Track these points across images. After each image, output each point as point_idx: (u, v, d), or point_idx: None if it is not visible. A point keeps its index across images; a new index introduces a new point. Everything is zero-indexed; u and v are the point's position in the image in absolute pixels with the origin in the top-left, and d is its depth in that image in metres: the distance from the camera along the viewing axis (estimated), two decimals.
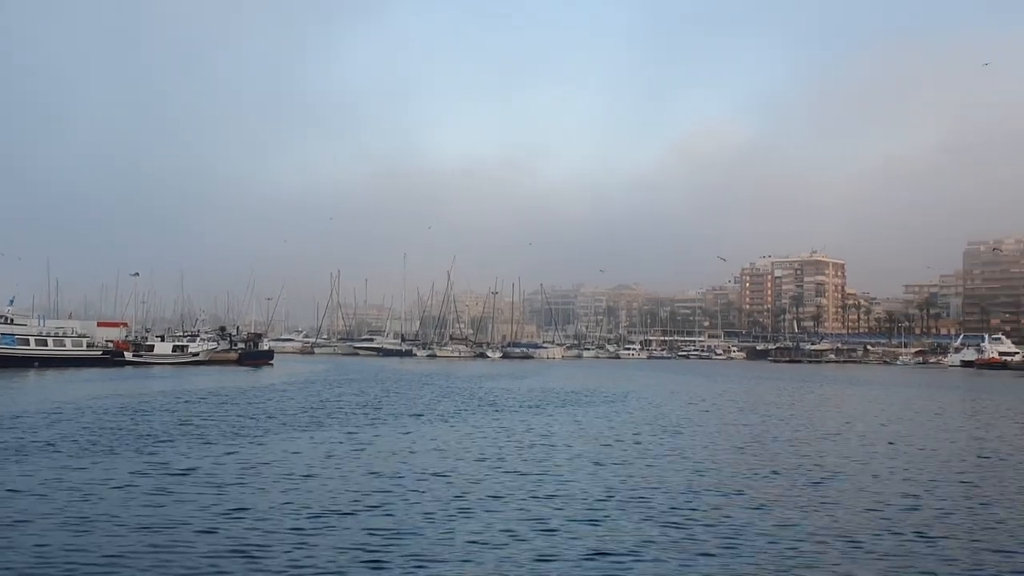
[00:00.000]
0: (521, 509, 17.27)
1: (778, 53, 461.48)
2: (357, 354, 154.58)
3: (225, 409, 38.92)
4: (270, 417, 35.46)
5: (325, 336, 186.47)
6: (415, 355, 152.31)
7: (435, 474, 21.35)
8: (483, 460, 24.08)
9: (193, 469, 21.51)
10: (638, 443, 29.01)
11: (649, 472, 22.51)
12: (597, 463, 23.81)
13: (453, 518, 16.27)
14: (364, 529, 15.25)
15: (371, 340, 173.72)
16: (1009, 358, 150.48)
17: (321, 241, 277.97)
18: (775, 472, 22.96)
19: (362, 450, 25.77)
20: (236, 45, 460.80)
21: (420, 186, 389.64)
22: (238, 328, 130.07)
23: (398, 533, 14.99)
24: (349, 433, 30.17)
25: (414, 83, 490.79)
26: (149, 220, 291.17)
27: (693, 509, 17.59)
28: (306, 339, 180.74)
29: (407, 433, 30.72)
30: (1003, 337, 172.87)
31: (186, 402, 42.73)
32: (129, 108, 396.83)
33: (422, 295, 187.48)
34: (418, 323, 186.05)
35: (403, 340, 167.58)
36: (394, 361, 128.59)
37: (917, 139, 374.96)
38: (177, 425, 31.70)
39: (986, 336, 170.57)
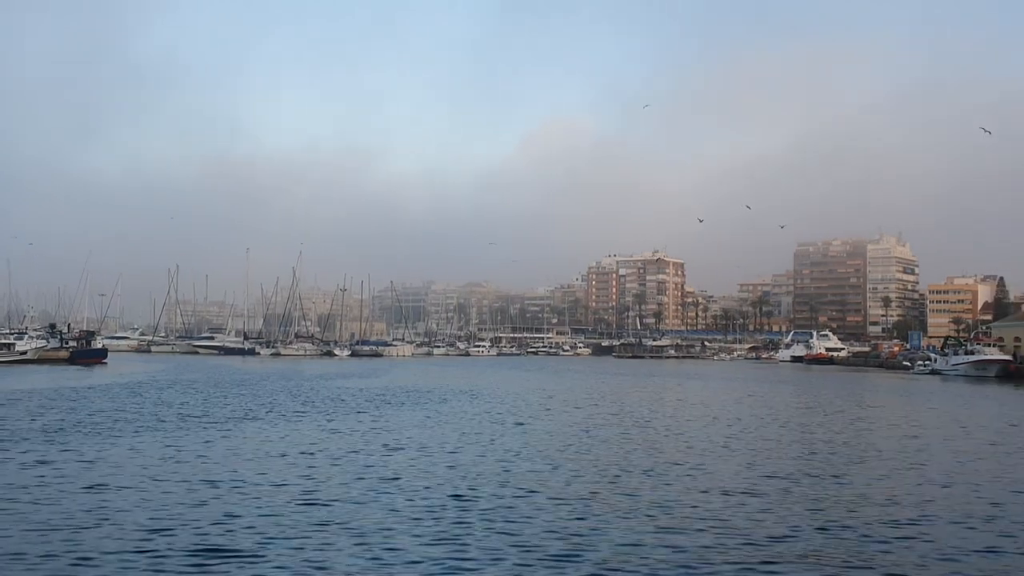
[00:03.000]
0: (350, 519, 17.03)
1: (636, 48, 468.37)
2: (197, 353, 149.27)
3: (43, 412, 36.70)
4: (78, 422, 33.59)
5: (163, 334, 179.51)
6: (258, 354, 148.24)
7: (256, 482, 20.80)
8: (294, 465, 23.61)
9: None
10: (442, 444, 29.10)
11: (451, 474, 22.63)
12: (435, 463, 23.79)
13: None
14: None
15: (212, 338, 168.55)
16: (835, 353, 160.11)
17: (158, 234, 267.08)
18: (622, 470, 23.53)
19: (180, 457, 24.81)
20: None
21: (259, 174, 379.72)
22: (70, 325, 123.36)
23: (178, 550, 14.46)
24: (169, 438, 29.00)
25: (246, 57, 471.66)
26: None
27: (529, 519, 17.77)
28: (143, 337, 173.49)
29: (229, 438, 29.82)
30: (830, 334, 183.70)
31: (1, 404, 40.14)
32: None
33: (266, 291, 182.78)
34: (262, 321, 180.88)
35: (246, 338, 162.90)
36: (236, 360, 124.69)
37: (762, 141, 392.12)
38: None
39: (814, 333, 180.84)
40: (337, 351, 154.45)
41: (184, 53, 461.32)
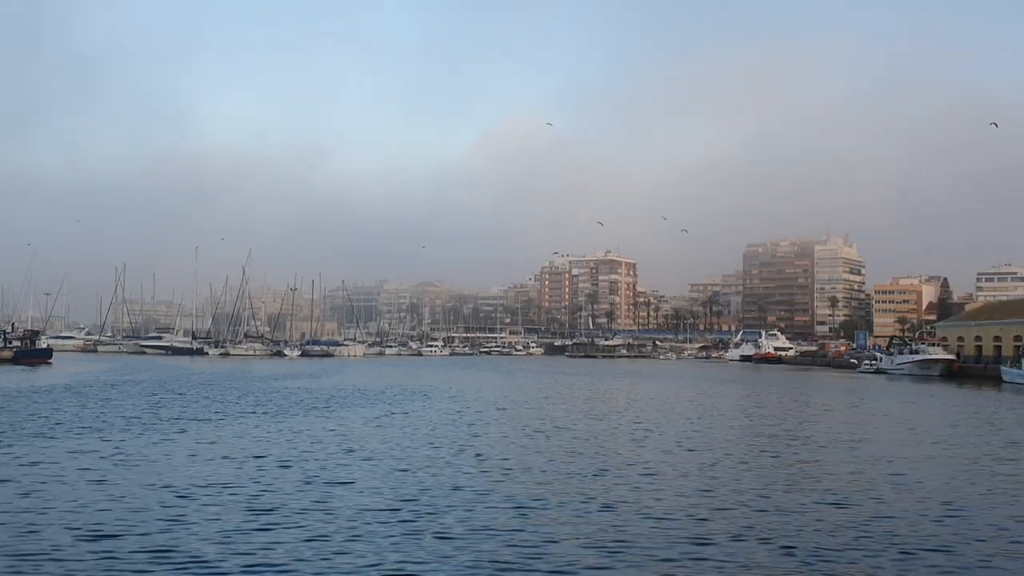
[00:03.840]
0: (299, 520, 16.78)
1: (595, 47, 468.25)
2: (144, 353, 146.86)
3: None
4: (16, 424, 32.75)
5: (110, 334, 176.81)
6: (207, 354, 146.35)
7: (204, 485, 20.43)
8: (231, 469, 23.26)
9: None
10: (387, 446, 28.93)
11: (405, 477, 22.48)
12: (393, 466, 23.60)
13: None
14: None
15: (160, 338, 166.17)
16: (783, 353, 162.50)
17: (104, 230, 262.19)
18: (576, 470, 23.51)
19: (123, 460, 24.29)
20: None
21: (208, 169, 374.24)
22: (13, 325, 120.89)
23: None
24: (113, 440, 28.38)
25: (194, 46, 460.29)
26: None
27: (488, 525, 17.67)
28: (89, 337, 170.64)
29: (175, 440, 29.30)
30: (778, 333, 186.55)
31: None
32: None
33: (215, 291, 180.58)
34: (211, 320, 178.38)
35: (194, 338, 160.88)
36: (184, 360, 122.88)
37: (719, 142, 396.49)
38: None
39: (763, 332, 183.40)
40: (287, 351, 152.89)
41: (130, 41, 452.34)
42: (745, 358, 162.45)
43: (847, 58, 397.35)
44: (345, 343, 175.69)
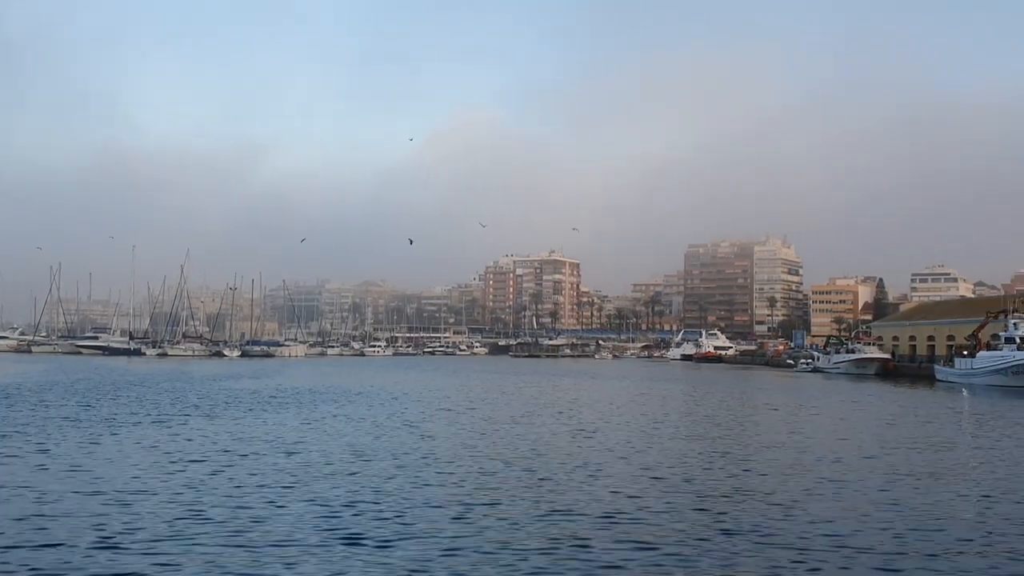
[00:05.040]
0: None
1: (547, 46, 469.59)
2: (80, 353, 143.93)
3: None
4: None
5: (44, 334, 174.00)
6: (144, 354, 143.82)
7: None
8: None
9: None
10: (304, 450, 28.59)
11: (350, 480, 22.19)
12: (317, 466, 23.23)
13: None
14: None
15: (96, 338, 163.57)
16: (723, 352, 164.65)
17: (38, 227, 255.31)
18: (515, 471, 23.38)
19: (52, 464, 23.58)
20: None
21: (145, 164, 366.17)
22: None
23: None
24: (43, 443, 27.53)
25: (125, 34, 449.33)
26: None
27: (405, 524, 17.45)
28: (23, 337, 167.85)
29: (107, 443, 28.57)
30: (718, 333, 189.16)
31: None
32: None
33: (153, 290, 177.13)
34: (148, 320, 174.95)
35: (132, 338, 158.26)
36: (121, 361, 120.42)
37: (668, 144, 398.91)
38: None
39: (703, 332, 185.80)
40: (227, 351, 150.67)
41: (57, 29, 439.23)
42: (686, 357, 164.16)
43: (799, 60, 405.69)
44: (286, 343, 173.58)
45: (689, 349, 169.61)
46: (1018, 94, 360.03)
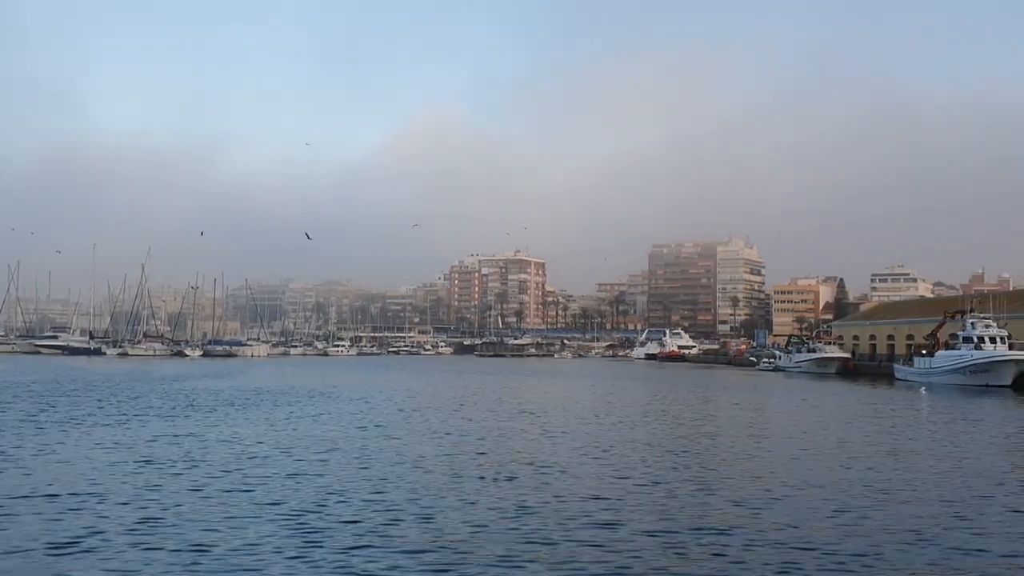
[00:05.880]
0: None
1: (516, 45, 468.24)
2: (39, 353, 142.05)
3: None
4: None
5: (2, 333, 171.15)
6: (105, 354, 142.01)
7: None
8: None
9: None
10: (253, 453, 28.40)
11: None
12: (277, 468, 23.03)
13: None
14: None
15: (56, 337, 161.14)
16: (687, 351, 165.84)
17: None
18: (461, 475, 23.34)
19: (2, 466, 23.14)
20: None
21: (100, 161, 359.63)
22: None
23: None
24: None
25: (81, 20, 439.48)
26: None
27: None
28: None
29: (64, 443, 28.05)
30: (682, 332, 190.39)
31: None
32: None
33: (113, 289, 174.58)
34: (109, 319, 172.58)
35: (92, 337, 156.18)
36: (81, 360, 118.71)
37: (637, 143, 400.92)
38: None
39: (667, 331, 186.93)
40: (188, 351, 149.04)
41: (6, 16, 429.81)
42: (650, 356, 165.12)
43: (770, 60, 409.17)
44: (248, 343, 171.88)
45: (653, 348, 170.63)
46: (977, 94, 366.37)
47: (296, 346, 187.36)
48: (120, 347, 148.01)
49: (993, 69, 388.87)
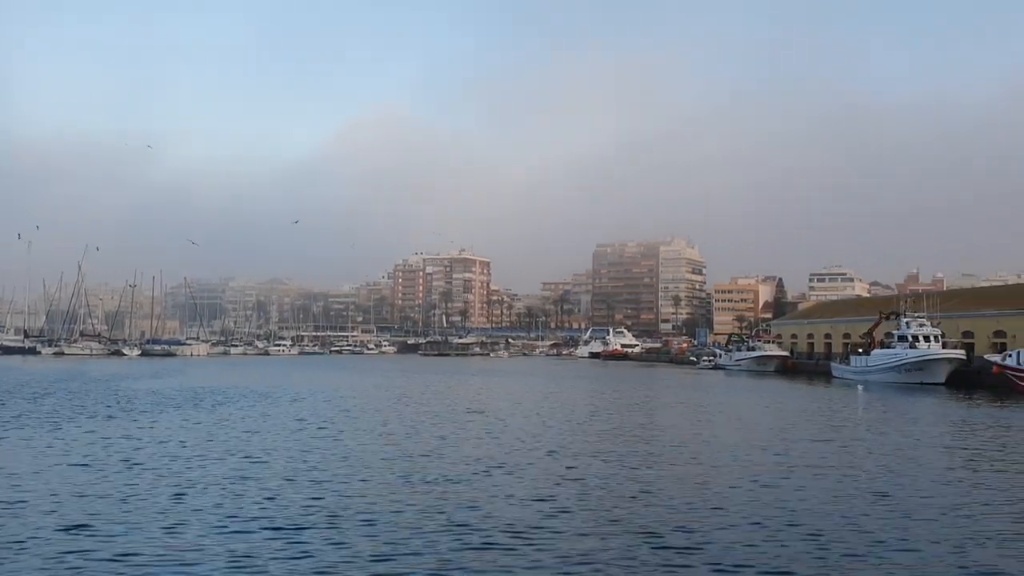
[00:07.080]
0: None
1: (467, 41, 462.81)
2: None
3: None
4: None
5: None
6: (40, 353, 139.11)
7: None
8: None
9: None
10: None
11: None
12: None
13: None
14: None
15: None
16: (630, 350, 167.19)
17: None
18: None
19: None
20: None
21: (31, 155, 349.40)
22: None
23: None
24: None
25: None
26: None
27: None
28: None
29: None
30: (625, 331, 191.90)
31: None
32: None
33: (49, 287, 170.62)
34: (44, 318, 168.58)
35: (27, 336, 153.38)
36: (16, 360, 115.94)
37: (587, 142, 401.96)
38: None
39: (611, 330, 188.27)
40: (126, 350, 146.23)
41: None
42: (594, 355, 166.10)
43: (724, 62, 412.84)
44: (188, 342, 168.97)
45: (597, 347, 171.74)
46: (924, 97, 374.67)
47: (237, 345, 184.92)
48: (56, 346, 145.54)
49: (939, 71, 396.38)
